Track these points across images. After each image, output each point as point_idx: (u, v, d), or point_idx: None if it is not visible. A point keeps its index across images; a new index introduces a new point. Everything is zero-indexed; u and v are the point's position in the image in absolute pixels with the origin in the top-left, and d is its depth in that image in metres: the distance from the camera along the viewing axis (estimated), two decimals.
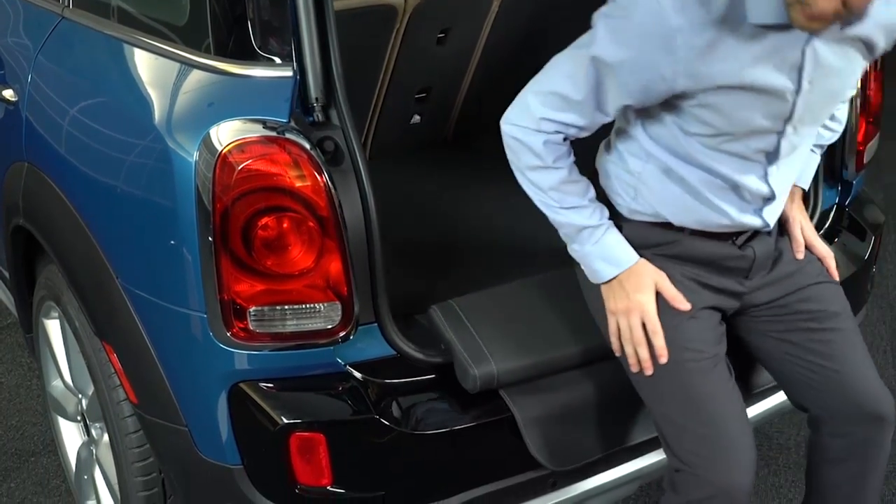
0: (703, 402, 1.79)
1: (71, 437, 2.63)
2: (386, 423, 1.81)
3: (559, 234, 1.84)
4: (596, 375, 1.95)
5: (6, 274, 2.69)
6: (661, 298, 1.80)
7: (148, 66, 1.99)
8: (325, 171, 1.70)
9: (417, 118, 3.00)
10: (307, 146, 1.70)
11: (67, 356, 2.45)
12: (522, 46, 2.85)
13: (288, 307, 1.75)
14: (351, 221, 1.73)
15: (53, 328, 2.49)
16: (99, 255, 2.00)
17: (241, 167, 1.68)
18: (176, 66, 1.88)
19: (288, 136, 1.70)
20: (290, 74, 1.73)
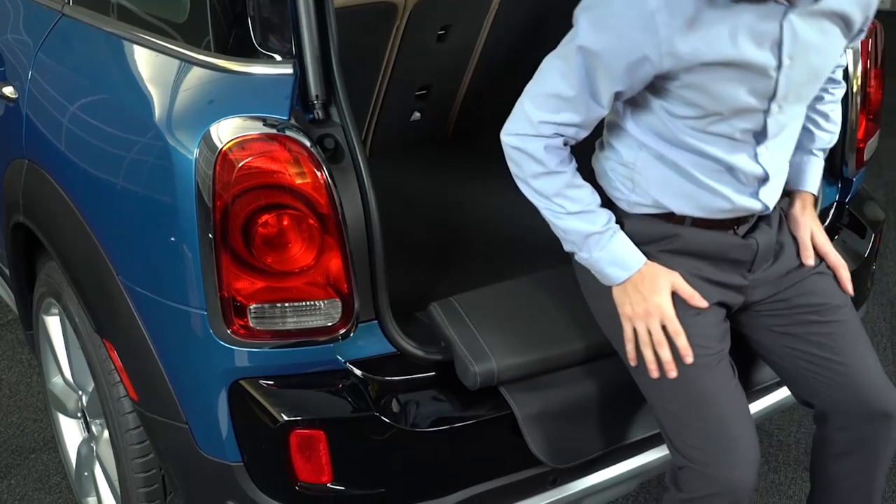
0: (706, 398, 1.79)
1: (71, 433, 2.63)
2: (386, 420, 1.80)
3: (564, 245, 1.84)
4: (596, 372, 1.95)
5: (6, 271, 2.69)
6: (674, 297, 1.80)
7: (148, 63, 1.99)
8: (325, 168, 1.70)
9: (417, 115, 3.00)
10: (307, 143, 1.70)
11: (68, 353, 2.45)
12: (522, 43, 2.85)
13: (288, 304, 1.75)
14: (351, 219, 1.74)
15: (53, 325, 2.49)
16: (99, 252, 2.00)
17: (241, 164, 1.68)
18: (176, 63, 1.88)
19: (288, 133, 1.70)
20: (290, 72, 1.73)
